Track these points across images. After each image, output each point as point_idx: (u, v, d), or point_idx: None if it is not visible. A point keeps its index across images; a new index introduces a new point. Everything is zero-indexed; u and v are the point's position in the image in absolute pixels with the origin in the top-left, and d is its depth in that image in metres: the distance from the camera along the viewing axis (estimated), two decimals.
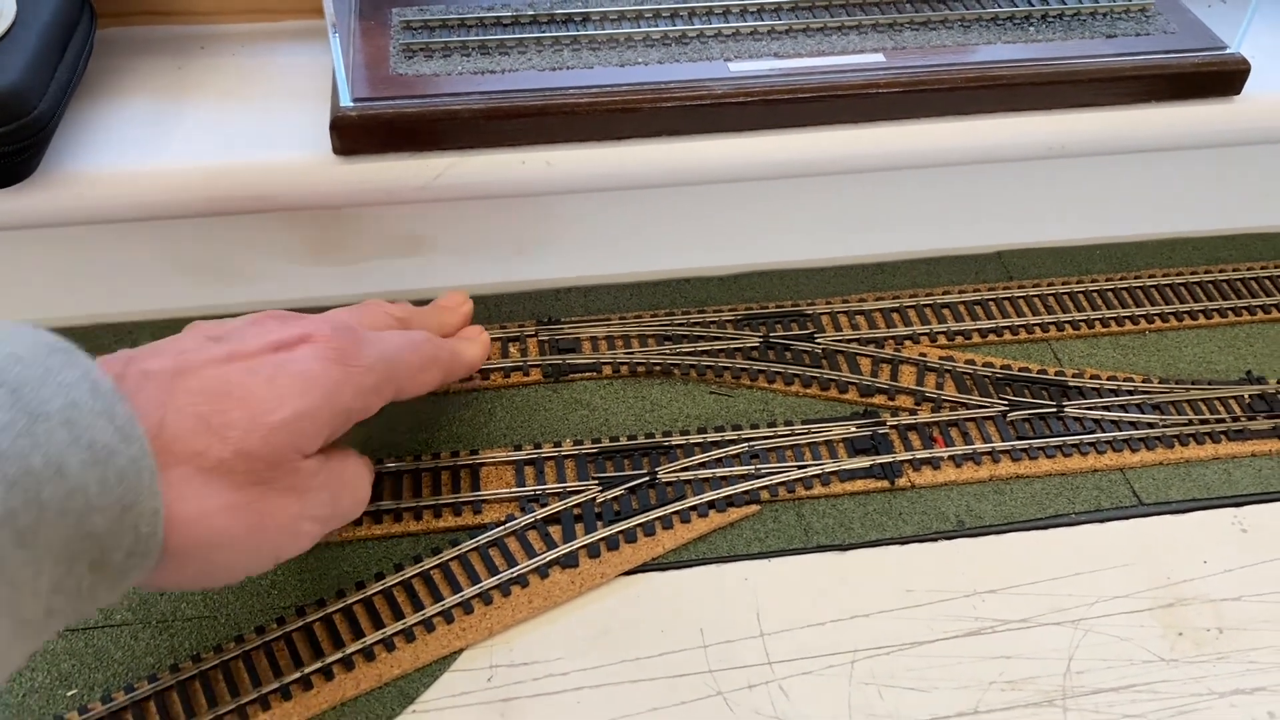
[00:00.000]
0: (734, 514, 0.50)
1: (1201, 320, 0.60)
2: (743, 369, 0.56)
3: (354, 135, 0.50)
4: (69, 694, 0.43)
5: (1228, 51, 0.56)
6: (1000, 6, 0.58)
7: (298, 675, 0.43)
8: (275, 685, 0.43)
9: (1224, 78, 0.56)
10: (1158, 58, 0.55)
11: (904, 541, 0.50)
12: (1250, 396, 0.56)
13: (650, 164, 0.53)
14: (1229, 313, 0.61)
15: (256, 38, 0.60)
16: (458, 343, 0.49)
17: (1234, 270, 0.63)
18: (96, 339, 0.57)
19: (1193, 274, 0.63)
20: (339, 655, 0.44)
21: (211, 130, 0.54)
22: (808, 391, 0.56)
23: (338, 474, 0.43)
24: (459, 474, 0.51)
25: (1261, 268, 0.64)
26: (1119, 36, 0.57)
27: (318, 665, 0.44)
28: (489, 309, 0.60)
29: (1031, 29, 0.57)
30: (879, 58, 0.54)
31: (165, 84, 0.57)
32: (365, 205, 0.53)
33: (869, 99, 0.53)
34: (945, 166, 0.57)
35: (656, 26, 0.56)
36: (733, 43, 0.55)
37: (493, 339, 0.57)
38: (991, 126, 0.55)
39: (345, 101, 0.50)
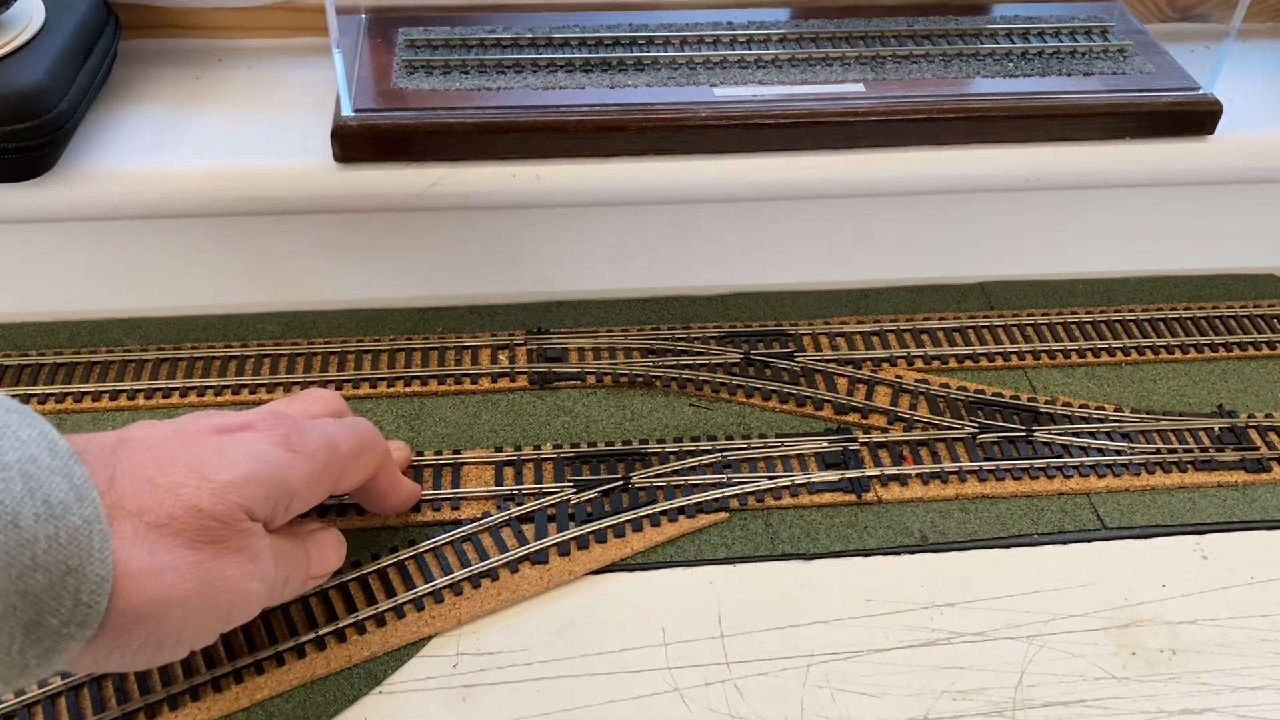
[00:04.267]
0: (703, 520, 0.52)
1: (1178, 355, 0.62)
2: (722, 383, 0.58)
3: (353, 143, 0.53)
4: None
5: (1200, 92, 0.58)
6: (981, 43, 0.60)
7: (271, 652, 0.45)
8: (249, 660, 0.45)
9: (1196, 117, 0.57)
10: (1132, 96, 0.57)
11: (867, 554, 0.51)
12: (1220, 429, 0.57)
13: (636, 181, 0.55)
14: (1205, 349, 0.62)
15: (271, 53, 0.63)
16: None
17: (1213, 308, 0.65)
18: (108, 333, 0.60)
19: (1172, 310, 0.64)
20: (312, 635, 0.46)
21: (223, 136, 0.57)
22: (784, 407, 0.57)
23: (301, 540, 0.44)
24: (441, 472, 0.53)
25: (1241, 306, 0.65)
26: (1096, 75, 0.59)
27: (291, 643, 0.46)
28: (483, 318, 0.62)
29: (1010, 65, 0.59)
30: (859, 88, 0.56)
31: (183, 92, 0.60)
32: (364, 211, 0.56)
33: (848, 126, 0.55)
34: (923, 195, 0.59)
35: (647, 52, 0.59)
36: (720, 70, 0.58)
37: (483, 347, 0.60)
38: (968, 157, 0.57)
39: (346, 111, 0.53)
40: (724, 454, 0.54)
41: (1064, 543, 0.52)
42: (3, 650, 0.33)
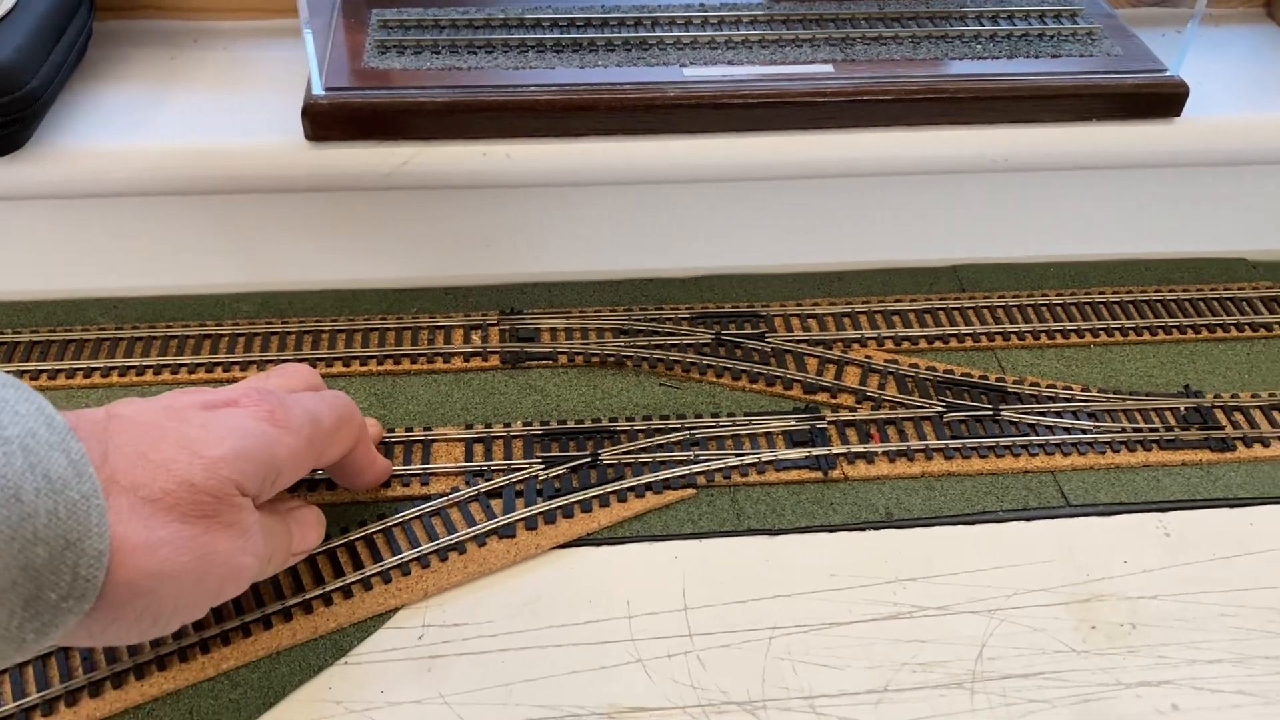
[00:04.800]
0: (670, 496, 0.52)
1: (1146, 337, 0.62)
2: (693, 363, 0.59)
3: (324, 122, 0.54)
4: None
5: (1167, 74, 0.58)
6: (950, 25, 0.61)
7: (238, 623, 0.46)
8: (215, 631, 0.45)
9: (1163, 99, 0.58)
10: (1099, 78, 0.57)
11: (832, 529, 0.51)
12: (1186, 409, 0.57)
13: (606, 161, 0.56)
14: (1174, 330, 0.62)
15: (247, 34, 0.63)
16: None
17: (1183, 291, 0.65)
18: (84, 312, 0.61)
19: (1141, 292, 0.65)
20: (278, 607, 0.46)
21: (197, 115, 0.57)
22: (754, 387, 0.58)
23: (283, 516, 0.44)
24: (411, 448, 0.54)
25: (1211, 289, 0.65)
26: (1064, 57, 0.59)
27: (257, 615, 0.46)
28: (457, 299, 0.63)
29: (980, 47, 0.59)
30: (829, 69, 0.57)
31: (158, 72, 0.60)
32: (336, 190, 0.56)
33: (816, 107, 0.55)
34: (893, 176, 0.59)
35: (618, 33, 0.59)
36: (690, 50, 0.58)
37: (456, 327, 0.60)
38: (937, 138, 0.57)
39: (317, 90, 0.53)
40: (692, 432, 0.55)
41: (1028, 519, 0.52)
42: (1, 625, 0.33)
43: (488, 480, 0.52)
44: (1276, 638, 0.47)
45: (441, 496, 0.51)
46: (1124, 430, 0.56)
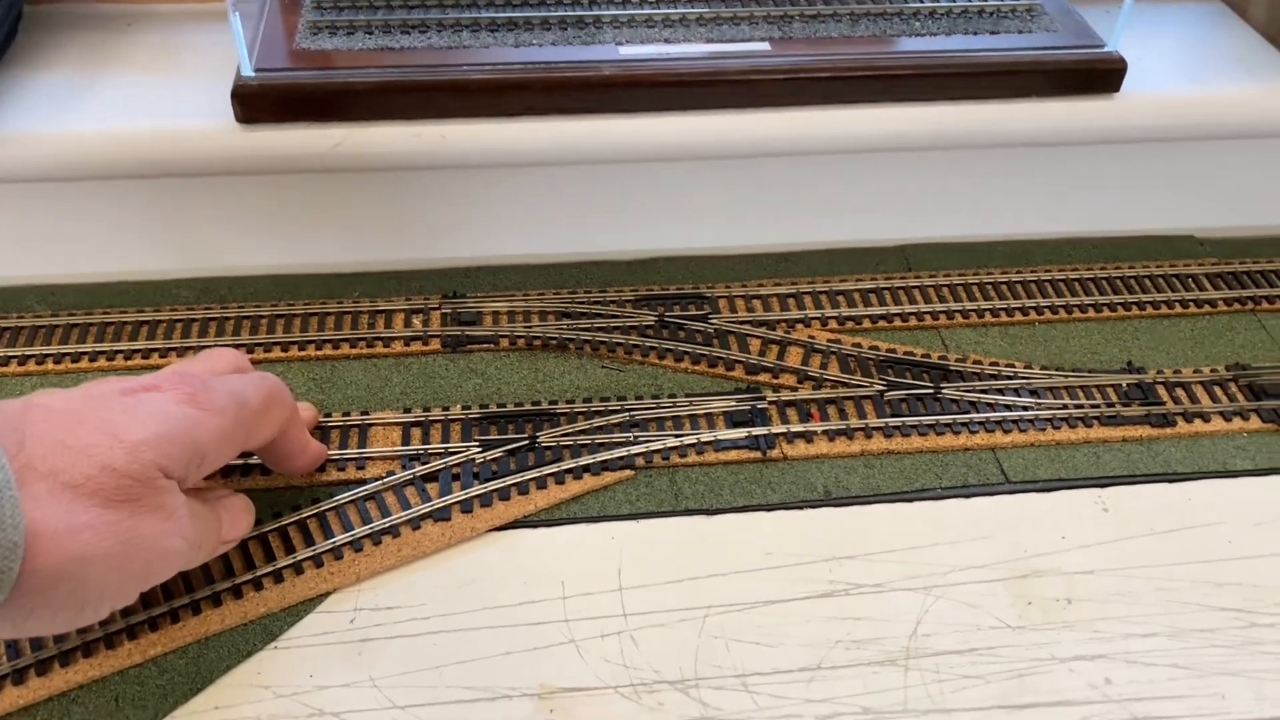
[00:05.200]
0: (608, 478, 0.52)
1: (1091, 314, 0.62)
2: (635, 345, 0.58)
3: (254, 104, 0.53)
4: None
5: (1105, 50, 0.58)
6: (888, 2, 0.61)
7: (166, 609, 0.45)
8: (143, 617, 0.45)
9: (1101, 75, 0.58)
10: (1038, 54, 0.57)
11: (770, 509, 0.51)
12: (1128, 385, 0.57)
13: (542, 142, 0.55)
14: (1119, 307, 0.62)
15: (180, 17, 0.63)
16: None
17: (1129, 268, 0.65)
18: (19, 299, 0.60)
19: (1087, 270, 0.65)
20: (208, 592, 0.46)
21: (128, 99, 0.57)
22: (696, 368, 0.58)
23: (212, 504, 0.44)
24: (348, 433, 0.53)
25: (1156, 266, 0.65)
26: (1002, 33, 0.59)
27: (186, 600, 0.46)
28: (399, 283, 0.62)
29: (918, 24, 0.59)
30: (765, 46, 0.56)
31: (89, 57, 0.60)
32: (270, 173, 0.56)
33: (753, 85, 0.55)
34: (833, 155, 0.59)
35: (554, 11, 0.59)
36: (626, 29, 0.58)
37: (397, 311, 0.60)
38: (875, 116, 0.57)
39: (246, 72, 0.53)
40: (632, 414, 0.54)
41: (967, 496, 0.52)
42: None
43: (424, 464, 0.52)
44: (1211, 611, 0.47)
45: (377, 480, 0.51)
46: (1065, 407, 0.56)
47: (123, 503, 0.37)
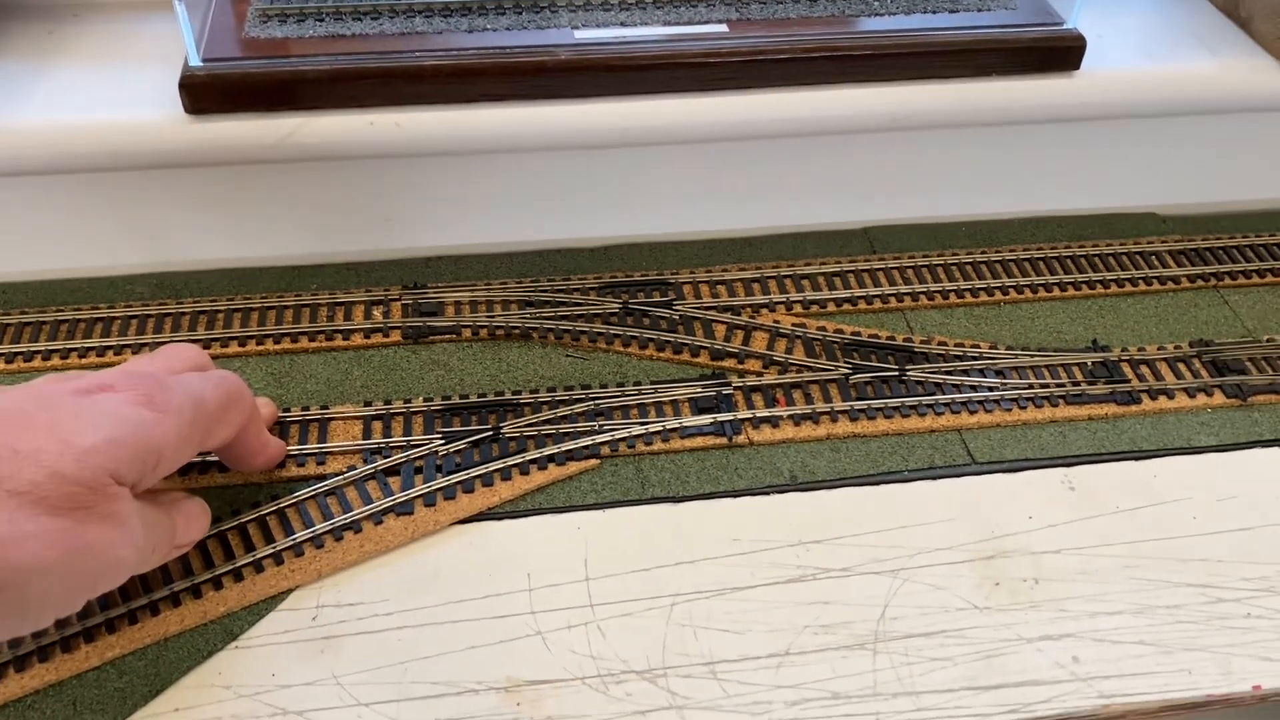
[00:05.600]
0: (573, 468, 0.51)
1: (1055, 293, 0.62)
2: (599, 333, 0.58)
3: (203, 94, 0.52)
4: None
5: (1064, 27, 0.58)
6: None
7: (124, 610, 0.44)
8: (100, 619, 0.44)
9: (1060, 53, 0.57)
10: (996, 31, 0.57)
11: (736, 495, 0.51)
12: (1093, 363, 0.57)
13: (499, 128, 0.55)
14: (1083, 286, 0.62)
15: (127, 7, 0.61)
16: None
17: (1093, 246, 0.65)
18: None
19: (1052, 249, 0.65)
20: (166, 593, 0.45)
21: (75, 91, 0.55)
22: (661, 355, 0.57)
23: (166, 508, 0.43)
24: (307, 428, 0.52)
25: (1120, 244, 0.65)
26: (961, 11, 0.59)
27: (144, 601, 0.45)
28: (359, 275, 0.61)
29: (875, 3, 0.59)
30: (723, 28, 0.56)
31: (33, 48, 0.58)
32: (221, 164, 0.55)
33: (711, 68, 0.55)
34: (793, 137, 0.58)
35: None
36: (581, 12, 0.57)
37: (357, 302, 0.59)
38: (835, 97, 0.57)
39: (194, 62, 0.52)
40: (596, 402, 0.54)
41: (933, 478, 0.52)
42: None
43: (386, 458, 0.51)
44: (1177, 587, 0.48)
45: (338, 475, 0.50)
46: (1031, 387, 0.56)
47: (71, 510, 0.36)
